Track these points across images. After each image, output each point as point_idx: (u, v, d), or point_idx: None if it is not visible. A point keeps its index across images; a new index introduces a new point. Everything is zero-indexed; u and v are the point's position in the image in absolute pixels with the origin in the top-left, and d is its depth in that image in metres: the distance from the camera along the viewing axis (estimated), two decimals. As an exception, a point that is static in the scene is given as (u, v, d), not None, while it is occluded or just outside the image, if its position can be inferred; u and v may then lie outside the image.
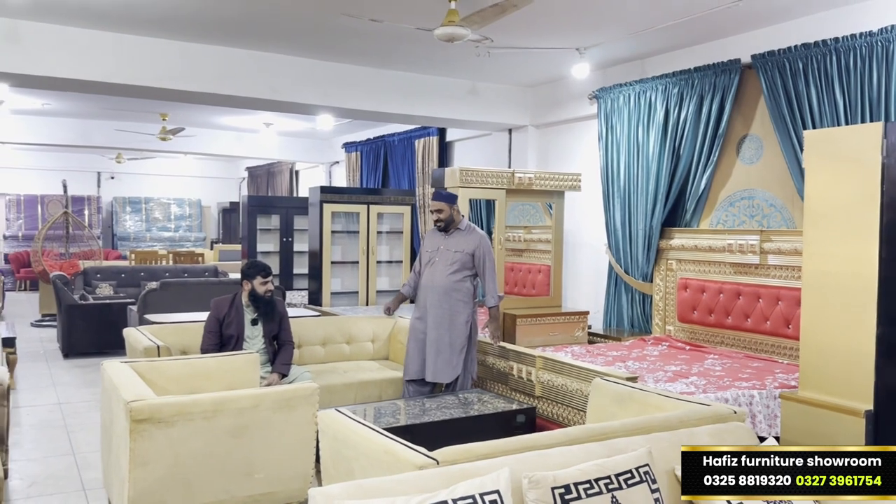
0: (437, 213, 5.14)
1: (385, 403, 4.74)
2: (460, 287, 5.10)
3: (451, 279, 5.08)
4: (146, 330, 5.17)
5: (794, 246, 5.60)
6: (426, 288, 5.15)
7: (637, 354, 5.91)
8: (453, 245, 5.13)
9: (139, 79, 6.80)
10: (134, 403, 3.13)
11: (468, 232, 5.17)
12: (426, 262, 5.21)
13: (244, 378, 4.24)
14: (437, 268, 5.13)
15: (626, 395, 3.49)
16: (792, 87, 5.59)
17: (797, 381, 4.98)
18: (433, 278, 5.12)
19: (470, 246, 5.10)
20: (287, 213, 11.41)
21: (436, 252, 5.16)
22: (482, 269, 5.13)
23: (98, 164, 17.51)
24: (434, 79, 8.11)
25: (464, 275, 5.11)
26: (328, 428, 2.95)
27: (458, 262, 5.10)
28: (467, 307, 5.13)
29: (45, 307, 11.06)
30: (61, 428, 5.59)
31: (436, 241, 5.21)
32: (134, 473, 3.15)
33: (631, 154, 6.96)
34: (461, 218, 5.20)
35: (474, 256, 5.11)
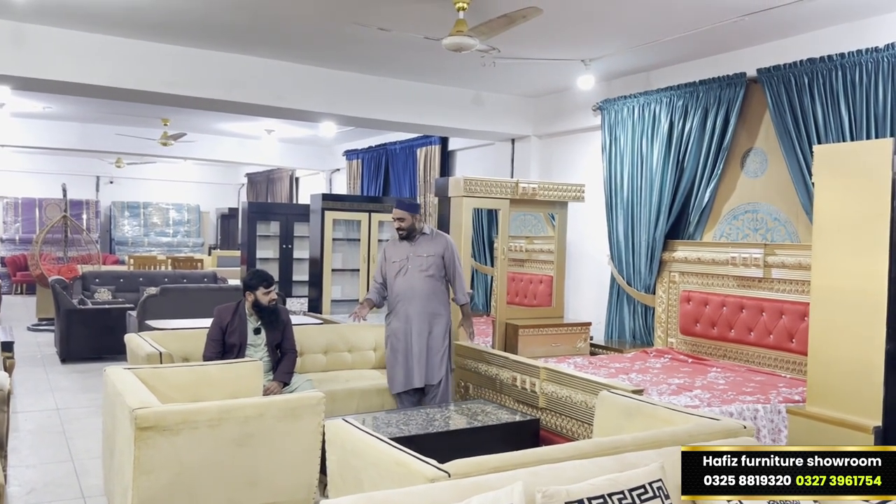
0: (398, 222, 5.19)
1: (389, 413, 4.71)
2: (439, 290, 5.21)
3: (429, 283, 5.16)
4: (148, 336, 5.14)
5: (798, 260, 5.59)
6: (405, 297, 5.15)
7: (640, 367, 5.89)
8: (422, 250, 5.19)
9: (143, 84, 6.78)
10: (139, 411, 3.10)
11: (434, 236, 5.27)
12: (395, 272, 5.21)
13: (248, 386, 4.21)
14: (412, 275, 5.16)
15: (635, 409, 3.47)
16: (797, 101, 5.60)
17: (801, 396, 4.99)
18: (411, 285, 5.14)
19: (439, 248, 5.20)
20: (287, 219, 11.38)
21: (406, 260, 5.20)
22: (452, 270, 5.24)
23: (97, 169, 17.48)
24: (438, 88, 8.11)
25: (440, 277, 5.21)
26: (336, 438, 2.93)
27: (431, 265, 5.17)
28: (447, 309, 5.25)
29: (43, 311, 11.01)
30: (59, 434, 5.55)
31: (402, 250, 5.24)
32: (138, 481, 3.12)
33: (635, 166, 6.96)
34: (422, 225, 5.26)
35: (444, 258, 5.20)
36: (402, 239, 5.22)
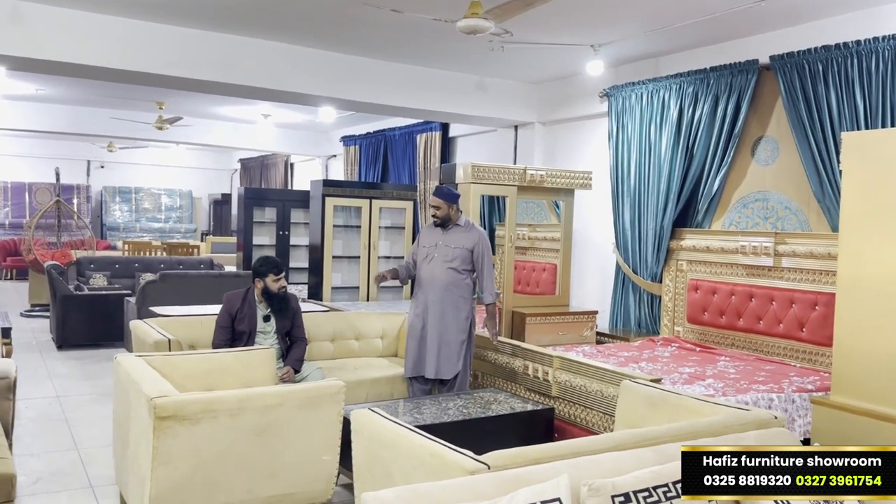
0: (434, 209, 5.09)
1: (401, 402, 4.65)
2: (461, 283, 5.05)
3: (451, 275, 5.03)
4: (154, 323, 5.04)
5: (809, 249, 5.56)
6: (426, 284, 5.08)
7: (648, 355, 5.85)
8: (452, 241, 5.07)
9: (140, 64, 6.64)
10: (158, 400, 3.01)
11: (467, 228, 5.12)
12: (423, 256, 5.14)
13: (261, 374, 4.13)
14: (436, 263, 5.06)
15: (659, 399, 3.42)
16: (811, 89, 5.55)
17: (814, 385, 4.97)
18: (433, 274, 5.05)
19: (469, 242, 5.06)
20: (284, 206, 11.27)
21: (434, 248, 5.10)
22: (480, 266, 5.09)
23: (88, 153, 17.26)
24: (441, 73, 8.01)
25: (463, 270, 5.07)
26: (363, 428, 2.85)
27: (457, 258, 5.04)
28: (467, 303, 5.10)
29: (36, 297, 10.84)
30: (62, 422, 5.45)
31: (433, 236, 5.13)
32: (156, 472, 3.04)
33: (642, 153, 6.90)
34: (459, 215, 5.14)
35: (473, 253, 5.06)
36: (436, 225, 5.12)
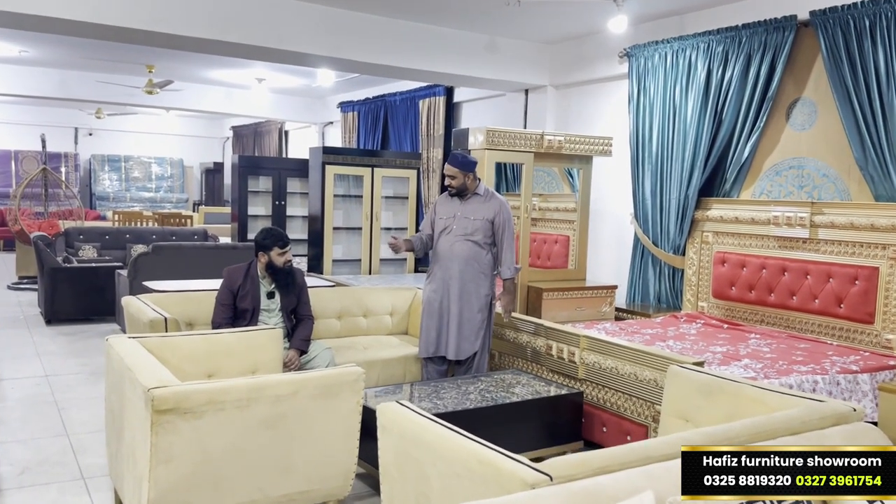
0: (449, 179, 4.69)
1: (418, 385, 4.30)
2: (481, 257, 4.69)
3: (471, 249, 4.66)
4: (147, 299, 4.66)
5: (850, 220, 5.21)
6: (444, 258, 4.71)
7: (674, 333, 5.52)
8: (471, 212, 4.69)
9: (131, 20, 6.15)
10: (156, 391, 2.64)
11: (487, 198, 4.73)
12: (440, 229, 4.76)
13: (267, 356, 3.77)
14: (454, 237, 4.69)
15: (715, 387, 3.07)
16: (856, 47, 5.14)
17: (858, 366, 4.65)
18: (451, 247, 4.68)
19: (490, 212, 4.67)
20: (280, 174, 10.83)
21: (452, 219, 4.71)
22: (500, 238, 4.71)
23: (76, 120, 16.69)
24: (450, 32, 7.55)
25: (484, 244, 4.69)
26: (392, 424, 2.50)
27: (478, 230, 4.66)
28: (487, 279, 4.74)
29: (23, 269, 10.42)
30: (51, 404, 5.08)
31: (451, 207, 4.75)
32: (156, 472, 2.68)
33: (666, 118, 6.50)
34: (477, 183, 4.74)
35: (493, 224, 4.68)
36: (452, 196, 4.74)
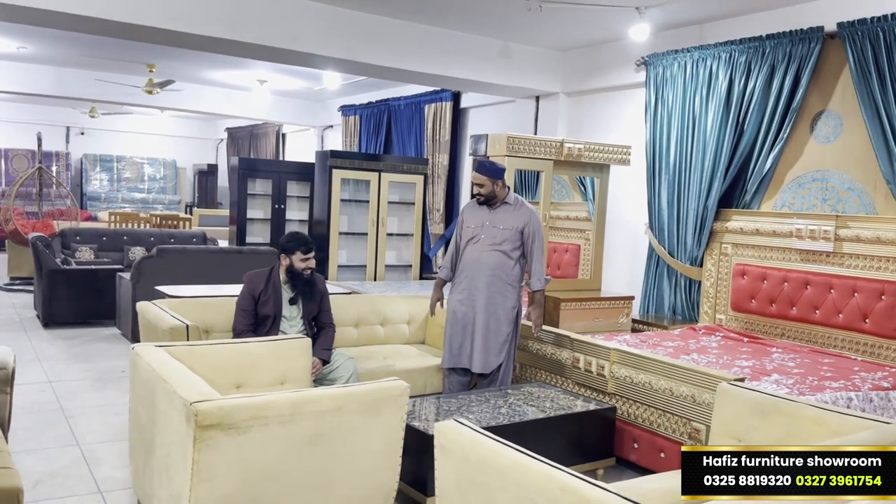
0: (477, 187, 4.58)
1: (445, 398, 4.18)
2: (508, 268, 4.56)
3: (498, 259, 4.54)
4: (164, 305, 4.51)
5: (876, 234, 5.15)
6: (472, 268, 4.59)
7: (695, 346, 5.43)
8: (500, 221, 4.57)
9: (140, 17, 5.96)
10: (200, 405, 2.50)
11: (517, 206, 4.61)
12: (468, 237, 4.64)
13: (296, 366, 3.64)
14: (482, 246, 4.57)
15: (770, 407, 2.98)
16: (885, 60, 5.09)
17: (888, 382, 4.58)
18: (479, 257, 4.56)
19: (519, 222, 4.56)
20: (279, 178, 10.68)
21: (480, 228, 4.60)
22: (530, 248, 4.59)
23: (68, 118, 16.42)
24: (463, 37, 7.44)
25: (513, 254, 4.58)
26: (453, 445, 2.37)
27: (507, 239, 4.54)
28: (515, 291, 4.61)
29: (15, 269, 10.19)
30: (58, 412, 4.90)
31: (479, 215, 4.63)
32: (196, 491, 2.54)
33: (685, 127, 6.42)
34: (507, 191, 4.63)
35: (523, 233, 4.57)
36: (480, 203, 4.62)
